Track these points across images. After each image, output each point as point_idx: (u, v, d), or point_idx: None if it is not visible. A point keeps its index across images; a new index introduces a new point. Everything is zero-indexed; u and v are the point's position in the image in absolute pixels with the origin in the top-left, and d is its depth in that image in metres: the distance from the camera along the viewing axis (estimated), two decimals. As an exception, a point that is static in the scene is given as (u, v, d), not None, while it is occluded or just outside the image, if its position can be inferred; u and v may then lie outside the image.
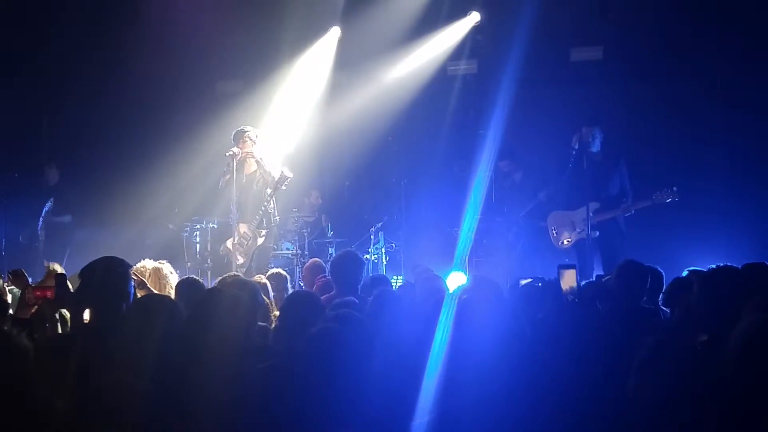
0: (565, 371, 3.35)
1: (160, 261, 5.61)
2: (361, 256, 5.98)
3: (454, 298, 4.02)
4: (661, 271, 5.41)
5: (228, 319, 3.41)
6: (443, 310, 3.77)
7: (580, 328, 3.70)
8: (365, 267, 6.27)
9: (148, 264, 5.51)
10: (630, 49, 9.48)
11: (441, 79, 10.21)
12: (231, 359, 3.25)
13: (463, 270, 8.48)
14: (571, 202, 8.65)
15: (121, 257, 4.14)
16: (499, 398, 3.10)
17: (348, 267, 5.59)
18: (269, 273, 6.49)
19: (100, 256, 4.13)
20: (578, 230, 8.56)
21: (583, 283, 5.47)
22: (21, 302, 4.46)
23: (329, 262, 6.43)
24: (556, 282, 4.85)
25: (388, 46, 9.99)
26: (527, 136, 9.70)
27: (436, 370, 3.30)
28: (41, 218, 9.99)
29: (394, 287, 8.70)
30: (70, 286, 4.26)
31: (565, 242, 8.70)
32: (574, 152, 8.46)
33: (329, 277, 6.09)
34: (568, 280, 5.09)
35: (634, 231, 8.62)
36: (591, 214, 8.27)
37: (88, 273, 4.00)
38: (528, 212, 9.38)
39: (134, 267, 5.17)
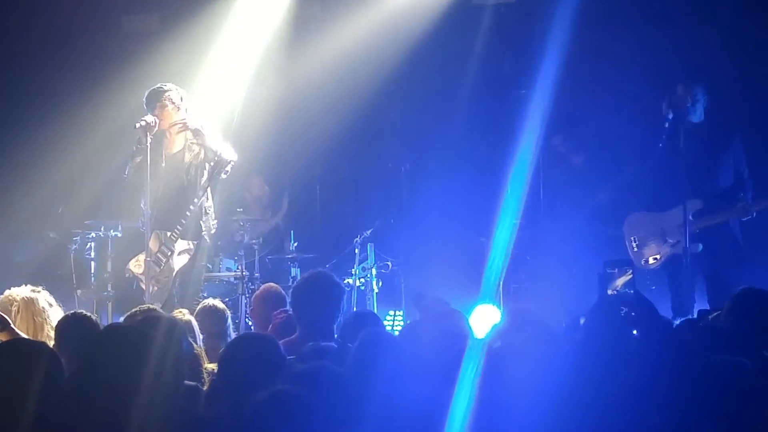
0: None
1: (35, 288, 5.63)
2: (339, 280, 5.99)
3: (482, 345, 4.01)
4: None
5: (136, 375, 3.38)
6: (466, 363, 3.77)
7: (674, 387, 3.70)
8: (345, 297, 6.27)
9: (16, 293, 5.54)
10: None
11: (463, 12, 10.21)
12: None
13: (496, 302, 8.48)
14: (661, 200, 8.68)
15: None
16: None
17: (319, 296, 5.60)
18: (200, 306, 6.48)
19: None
20: (671, 242, 8.56)
21: (678, 321, 5.49)
22: None
23: (291, 289, 6.43)
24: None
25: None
26: (592, 98, 9.71)
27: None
28: None
29: (390, 329, 8.73)
30: None
31: (652, 260, 8.71)
32: (666, 124, 8.47)
33: (291, 312, 6.07)
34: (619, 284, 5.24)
35: (756, 243, 8.62)
36: (691, 218, 8.28)
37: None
38: (590, 215, 9.39)
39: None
